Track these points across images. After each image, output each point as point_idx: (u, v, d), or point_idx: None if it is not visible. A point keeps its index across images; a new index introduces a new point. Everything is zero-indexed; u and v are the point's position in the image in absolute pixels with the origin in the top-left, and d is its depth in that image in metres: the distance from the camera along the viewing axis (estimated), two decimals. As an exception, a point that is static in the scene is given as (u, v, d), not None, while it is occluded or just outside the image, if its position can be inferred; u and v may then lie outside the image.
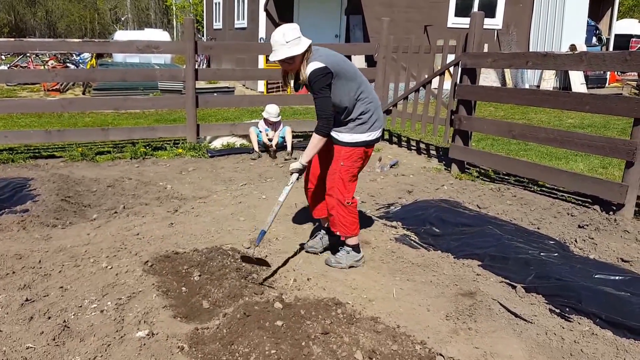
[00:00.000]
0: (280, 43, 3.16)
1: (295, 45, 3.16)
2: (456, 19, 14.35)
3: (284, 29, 3.18)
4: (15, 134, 6.83)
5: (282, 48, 3.16)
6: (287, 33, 3.15)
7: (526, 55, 5.39)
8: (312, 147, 3.30)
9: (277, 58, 3.20)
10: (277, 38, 3.17)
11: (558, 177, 5.05)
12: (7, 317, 2.80)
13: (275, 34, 3.19)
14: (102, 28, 43.19)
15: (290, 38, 3.14)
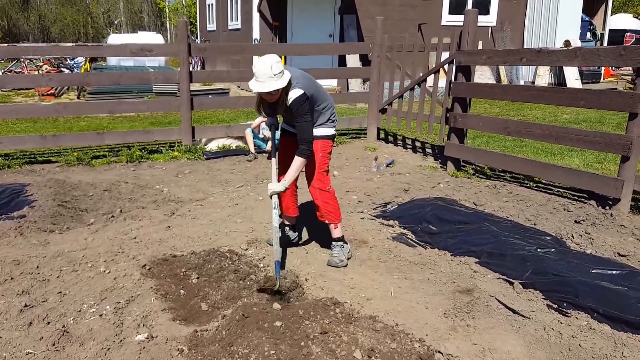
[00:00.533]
0: (268, 75, 3.19)
1: (281, 77, 3.23)
2: (450, 16, 14.37)
3: (271, 61, 3.20)
4: (10, 140, 6.80)
5: (270, 80, 3.20)
6: (274, 66, 3.19)
7: (520, 52, 5.41)
8: (295, 170, 3.44)
9: (265, 90, 3.22)
10: (264, 70, 3.18)
11: (554, 173, 5.07)
12: (7, 323, 2.80)
13: (261, 66, 3.19)
14: (96, 32, 43.02)
15: (277, 71, 3.20)
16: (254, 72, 3.24)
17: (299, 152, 3.40)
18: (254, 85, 3.26)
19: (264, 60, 3.22)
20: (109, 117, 10.07)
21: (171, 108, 8.05)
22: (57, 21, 41.89)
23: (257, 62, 3.24)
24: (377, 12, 12.50)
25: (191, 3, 29.61)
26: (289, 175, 3.44)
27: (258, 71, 3.21)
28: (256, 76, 3.23)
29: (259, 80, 3.22)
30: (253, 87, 3.27)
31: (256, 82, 3.25)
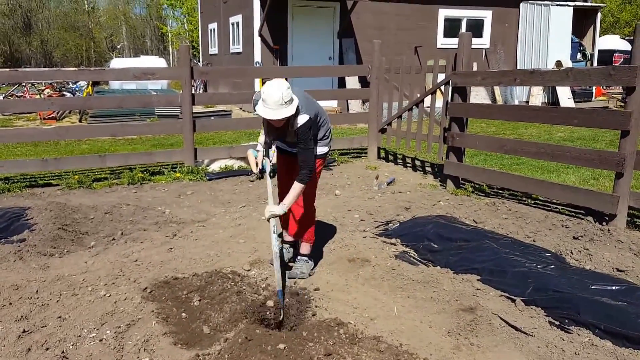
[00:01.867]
0: (279, 103, 3.19)
1: (290, 104, 3.25)
2: (445, 39, 14.66)
3: (281, 88, 3.20)
4: (11, 164, 6.77)
5: (280, 108, 3.21)
6: (285, 93, 3.19)
7: (514, 73, 5.51)
8: (295, 195, 3.46)
9: (276, 118, 3.22)
10: (275, 98, 3.17)
11: (551, 190, 5.14)
12: (4, 350, 2.76)
13: (272, 93, 3.18)
14: (99, 56, 43.28)
15: (287, 99, 3.20)
16: (263, 98, 3.23)
17: (300, 179, 3.43)
18: (264, 112, 3.24)
19: (274, 87, 3.20)
20: (110, 140, 10.11)
21: (174, 130, 8.09)
22: (60, 46, 42.05)
23: (268, 89, 3.22)
24: (374, 36, 12.71)
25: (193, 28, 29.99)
26: (287, 200, 3.45)
27: (269, 98, 3.19)
28: (266, 102, 3.21)
29: (269, 107, 3.21)
30: (263, 113, 3.25)
31: (266, 109, 3.23)
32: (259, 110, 3.29)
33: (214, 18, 18.11)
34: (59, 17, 43.35)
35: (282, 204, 3.46)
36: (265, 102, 3.23)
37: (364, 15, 13.74)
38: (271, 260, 3.94)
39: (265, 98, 3.22)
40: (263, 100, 3.24)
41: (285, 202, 3.46)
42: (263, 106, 3.25)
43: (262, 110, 3.26)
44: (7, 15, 41.14)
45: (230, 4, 15.79)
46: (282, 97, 3.18)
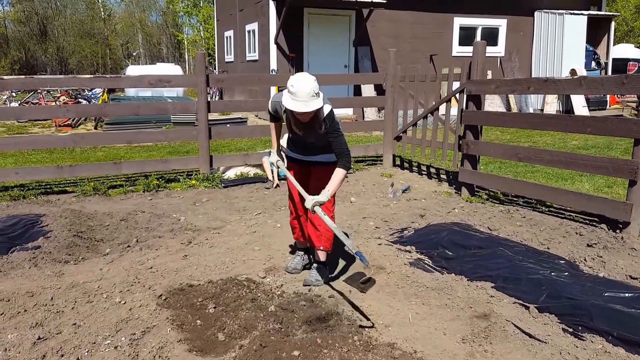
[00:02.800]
0: (311, 95, 3.20)
1: (319, 96, 3.27)
2: (460, 47, 14.69)
3: (310, 81, 3.21)
4: (26, 171, 6.79)
5: (312, 100, 3.22)
6: (314, 85, 3.20)
7: (528, 81, 5.53)
8: (338, 182, 3.42)
9: (309, 109, 3.22)
10: (307, 90, 3.18)
11: (565, 198, 5.14)
12: (20, 356, 2.77)
13: (303, 85, 3.19)
14: (114, 63, 43.62)
15: (317, 90, 3.22)
16: (291, 91, 3.21)
17: (342, 165, 3.41)
18: (296, 105, 3.22)
19: (303, 80, 3.21)
20: (126, 147, 10.16)
21: (189, 137, 8.10)
22: (75, 53, 42.33)
23: (297, 82, 3.21)
24: (390, 44, 12.78)
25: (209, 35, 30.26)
26: (331, 186, 3.40)
27: (299, 91, 3.18)
28: (296, 95, 3.20)
29: (300, 99, 3.20)
30: (295, 107, 3.22)
31: (297, 102, 3.21)
32: (289, 104, 3.25)
33: (230, 26, 18.29)
34: (75, 24, 43.67)
35: (326, 191, 3.39)
36: (295, 95, 3.21)
37: (379, 23, 13.81)
38: (287, 268, 4.01)
39: (295, 91, 3.20)
40: (292, 94, 3.21)
41: (328, 188, 3.40)
42: (292, 99, 3.23)
43: (293, 104, 3.23)
44: (23, 22, 41.55)
45: (246, 12, 15.95)
46: (312, 89, 3.19)
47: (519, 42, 15.29)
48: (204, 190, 6.75)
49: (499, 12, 14.92)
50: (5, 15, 41.64)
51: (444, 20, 14.50)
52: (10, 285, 3.64)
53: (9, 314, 3.25)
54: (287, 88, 3.26)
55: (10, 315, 3.24)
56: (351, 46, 13.94)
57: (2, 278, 3.83)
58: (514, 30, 15.18)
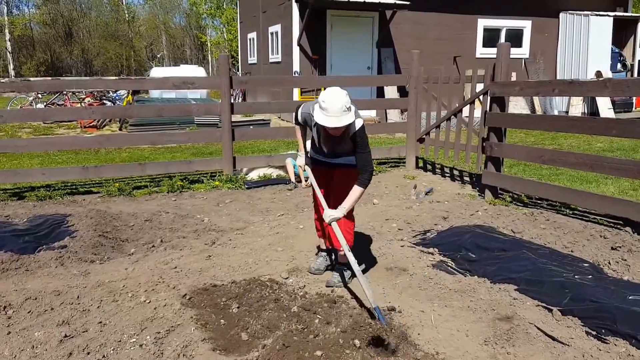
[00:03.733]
0: (342, 110, 3.21)
1: (351, 110, 3.29)
2: (484, 49, 14.59)
3: (341, 96, 3.22)
4: (52, 171, 6.88)
5: (343, 115, 3.23)
6: (345, 100, 3.22)
7: (552, 83, 5.50)
8: (355, 199, 3.48)
9: (342, 124, 3.24)
10: (339, 106, 3.20)
11: (589, 200, 5.09)
12: (46, 354, 2.81)
13: (334, 101, 3.20)
14: (138, 65, 44.09)
15: (348, 105, 3.24)
16: (323, 107, 3.23)
17: (361, 183, 3.45)
18: (328, 121, 3.23)
19: (335, 96, 3.23)
20: (150, 148, 10.23)
21: (213, 139, 8.15)
22: (100, 55, 42.76)
23: (329, 98, 3.23)
24: (413, 46, 12.76)
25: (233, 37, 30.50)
26: (347, 203, 3.46)
27: (331, 106, 3.20)
28: (327, 111, 3.22)
29: (331, 115, 3.22)
30: (327, 122, 3.24)
31: (329, 117, 3.23)
32: (321, 120, 3.27)
33: (253, 28, 18.44)
34: (99, 27, 44.31)
35: (342, 207, 3.47)
36: (326, 111, 3.23)
37: (402, 25, 13.79)
38: (309, 269, 4.04)
39: (326, 107, 3.22)
40: (324, 109, 3.24)
41: (344, 205, 3.47)
42: (324, 115, 3.25)
43: (325, 120, 3.25)
44: (48, 25, 42.21)
45: (269, 14, 16.07)
46: (344, 105, 3.22)
47: (544, 43, 15.11)
48: (227, 192, 6.80)
49: (523, 14, 14.77)
50: (32, 18, 42.44)
51: (467, 21, 14.41)
52: (37, 284, 3.71)
53: (36, 312, 3.31)
54: (319, 103, 3.27)
55: (38, 313, 3.30)
56: (374, 48, 13.94)
57: (29, 277, 3.89)
58: (539, 32, 15.01)
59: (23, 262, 4.14)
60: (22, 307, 3.37)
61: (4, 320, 3.21)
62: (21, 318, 3.25)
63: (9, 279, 3.84)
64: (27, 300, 3.44)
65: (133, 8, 48.40)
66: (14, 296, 3.49)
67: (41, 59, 41.05)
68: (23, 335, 3.02)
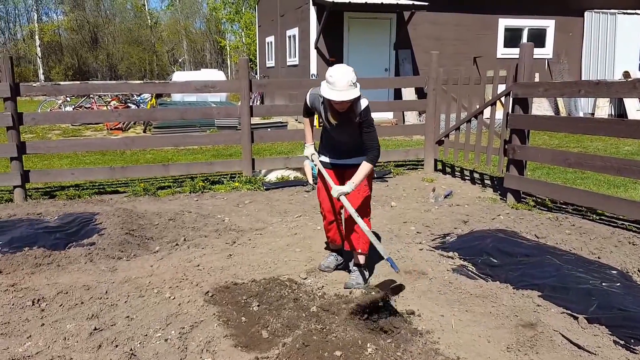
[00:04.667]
0: (349, 84, 3.30)
1: (357, 86, 3.37)
2: (505, 49, 14.39)
3: (348, 71, 3.32)
4: (81, 171, 7.10)
5: (350, 89, 3.32)
6: (352, 75, 3.31)
7: (578, 84, 5.35)
8: (364, 174, 3.56)
9: (348, 98, 3.32)
10: (344, 80, 3.29)
11: (617, 206, 4.93)
12: (77, 346, 2.95)
13: (341, 76, 3.30)
14: (161, 69, 44.86)
15: (354, 80, 3.33)
16: (330, 81, 3.32)
17: (369, 159, 3.56)
18: (335, 95, 3.32)
19: (342, 71, 3.33)
20: (173, 150, 10.46)
21: (232, 141, 8.30)
22: (124, 59, 43.84)
23: (336, 72, 3.32)
24: (432, 47, 12.65)
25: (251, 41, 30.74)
26: (356, 178, 3.53)
27: (338, 81, 3.29)
28: (334, 85, 3.30)
29: (338, 89, 3.30)
30: (333, 96, 3.33)
31: (336, 91, 3.31)
32: (328, 94, 3.35)
33: (271, 31, 18.54)
34: (123, 32, 45.36)
35: (350, 182, 3.52)
36: (333, 85, 3.31)
37: (421, 25, 13.69)
38: (319, 266, 4.11)
39: (333, 81, 3.30)
40: (331, 84, 3.32)
41: (353, 180, 3.53)
42: (331, 89, 3.33)
43: (332, 94, 3.33)
44: (75, 31, 43.47)
45: (287, 18, 16.13)
46: (350, 80, 3.30)
47: (568, 43, 14.83)
48: (247, 193, 6.87)
49: (546, 13, 14.52)
50: (60, 24, 43.57)
51: (488, 21, 14.23)
52: (68, 279, 3.89)
53: (67, 306, 3.47)
54: (326, 79, 3.36)
55: (69, 306, 3.46)
56: (392, 49, 13.86)
57: (60, 272, 4.07)
58: (563, 31, 14.74)
59: (54, 257, 4.32)
60: (54, 300, 3.54)
61: (37, 313, 3.37)
62: (53, 311, 3.41)
63: (42, 273, 4.04)
64: (58, 294, 3.61)
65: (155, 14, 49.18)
66: (47, 290, 3.68)
67: (69, 64, 42.24)
68: (55, 327, 3.17)
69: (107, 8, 47.23)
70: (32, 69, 40.17)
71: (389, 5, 12.48)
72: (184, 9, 48.21)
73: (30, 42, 40.59)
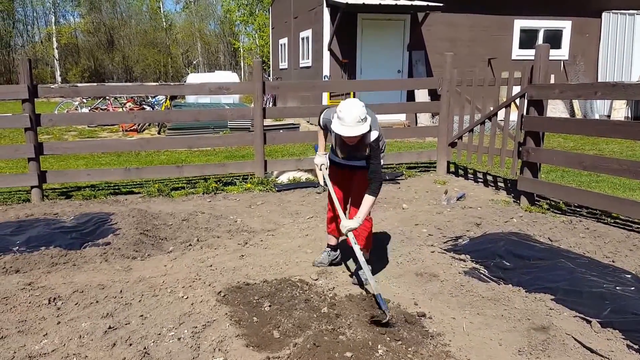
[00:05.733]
0: (357, 121, 3.38)
1: (366, 121, 3.45)
2: (520, 51, 14.27)
3: (358, 107, 3.40)
4: (97, 172, 7.17)
5: (358, 125, 3.39)
6: (361, 111, 3.39)
7: (594, 86, 5.30)
8: (367, 208, 3.62)
9: (355, 134, 3.40)
10: (354, 116, 3.37)
11: (633, 209, 4.86)
12: (92, 344, 3.00)
13: (350, 112, 3.38)
14: (175, 71, 45.21)
15: (363, 116, 3.41)
16: (340, 116, 3.41)
17: (371, 192, 3.62)
18: (343, 130, 3.41)
19: (351, 106, 3.41)
20: (186, 151, 10.54)
21: (245, 142, 8.30)
22: (140, 61, 44.21)
23: (345, 108, 3.41)
24: (446, 48, 12.60)
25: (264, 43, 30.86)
26: (361, 213, 3.61)
27: (347, 117, 3.38)
28: (343, 121, 3.39)
29: (347, 125, 3.39)
30: (342, 131, 3.42)
31: (344, 127, 3.40)
32: (337, 129, 3.45)
33: (284, 33, 18.59)
34: (139, 34, 45.75)
35: (357, 217, 3.62)
36: (342, 121, 3.41)
37: (435, 27, 13.64)
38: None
39: (342, 117, 3.40)
40: (340, 119, 3.42)
41: (359, 215, 3.62)
42: (340, 124, 3.43)
43: (340, 129, 3.43)
44: (92, 33, 44.03)
45: (300, 20, 16.16)
46: (359, 115, 3.38)
47: (585, 44, 14.67)
48: (259, 194, 6.90)
49: (562, 14, 14.37)
50: (77, 26, 44.14)
51: (503, 22, 14.13)
52: (83, 278, 3.96)
53: (83, 304, 3.52)
54: (337, 113, 3.46)
55: (84, 305, 3.52)
56: (405, 51, 13.82)
57: (76, 271, 4.14)
58: (579, 32, 14.58)
59: (70, 257, 4.40)
60: (70, 299, 3.60)
61: (54, 311, 3.43)
62: (69, 309, 3.46)
63: (58, 272, 4.10)
64: (74, 292, 3.68)
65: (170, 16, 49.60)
66: (63, 289, 3.74)
67: (85, 66, 42.77)
68: (71, 325, 3.23)
69: (123, 10, 47.76)
70: (50, 70, 40.74)
71: (404, 7, 12.45)
72: (199, 11, 48.55)
73: (48, 44, 41.14)
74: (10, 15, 41.27)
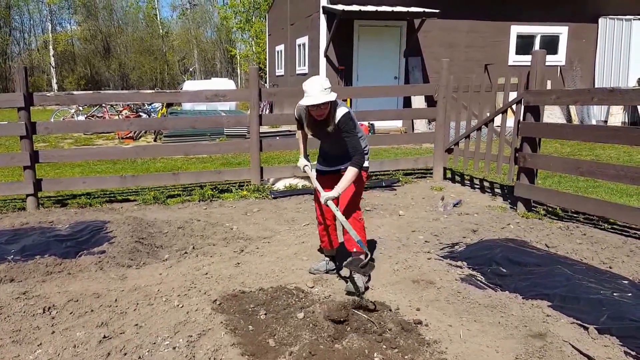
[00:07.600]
0: (319, 90, 3.51)
1: (330, 92, 3.56)
2: (517, 56, 14.32)
3: (320, 78, 3.57)
4: (93, 180, 7.17)
5: (320, 94, 3.52)
6: (324, 82, 3.54)
7: (591, 92, 5.31)
8: (349, 180, 3.70)
9: (317, 102, 3.52)
10: (316, 86, 3.52)
11: (630, 215, 4.87)
12: (87, 353, 2.97)
13: (313, 82, 3.54)
14: (172, 78, 45.22)
15: (326, 86, 3.53)
16: (305, 89, 3.56)
17: (353, 163, 3.68)
18: (307, 100, 3.55)
19: (314, 78, 3.59)
20: (182, 159, 10.51)
21: (241, 149, 8.34)
22: (136, 69, 44.24)
23: (309, 81, 3.57)
24: (442, 54, 12.63)
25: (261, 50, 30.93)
26: (342, 184, 3.68)
27: (310, 88, 3.53)
28: (307, 92, 3.54)
29: (310, 95, 3.53)
30: (306, 101, 3.55)
31: (309, 97, 3.54)
32: (303, 101, 3.59)
33: (281, 40, 18.64)
34: (135, 42, 45.80)
35: (337, 187, 3.68)
36: (307, 93, 3.56)
37: (432, 33, 13.68)
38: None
39: (307, 89, 3.56)
40: (305, 92, 3.57)
41: (339, 185, 3.69)
42: (306, 97, 3.57)
43: (306, 100, 3.56)
44: (88, 40, 44.08)
45: (297, 26, 16.21)
46: (321, 84, 3.51)
47: (581, 50, 14.71)
48: (255, 201, 6.88)
49: (559, 19, 14.42)
50: (73, 34, 44.17)
51: (500, 28, 14.18)
52: (78, 287, 3.93)
53: (77, 313, 3.51)
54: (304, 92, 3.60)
55: (79, 314, 3.50)
56: (401, 57, 13.86)
57: (71, 280, 4.09)
58: (576, 38, 14.63)
59: (65, 265, 4.39)
60: (64, 308, 3.58)
61: (48, 320, 3.41)
62: (64, 319, 3.45)
63: (53, 281, 4.06)
64: (69, 302, 3.66)
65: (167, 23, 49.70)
66: (57, 298, 3.72)
67: (81, 73, 42.81)
68: (65, 334, 3.21)
69: (119, 18, 47.90)
70: (46, 78, 40.75)
71: (400, 13, 12.48)
72: (195, 18, 48.65)
73: (44, 51, 41.18)
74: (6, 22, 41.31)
